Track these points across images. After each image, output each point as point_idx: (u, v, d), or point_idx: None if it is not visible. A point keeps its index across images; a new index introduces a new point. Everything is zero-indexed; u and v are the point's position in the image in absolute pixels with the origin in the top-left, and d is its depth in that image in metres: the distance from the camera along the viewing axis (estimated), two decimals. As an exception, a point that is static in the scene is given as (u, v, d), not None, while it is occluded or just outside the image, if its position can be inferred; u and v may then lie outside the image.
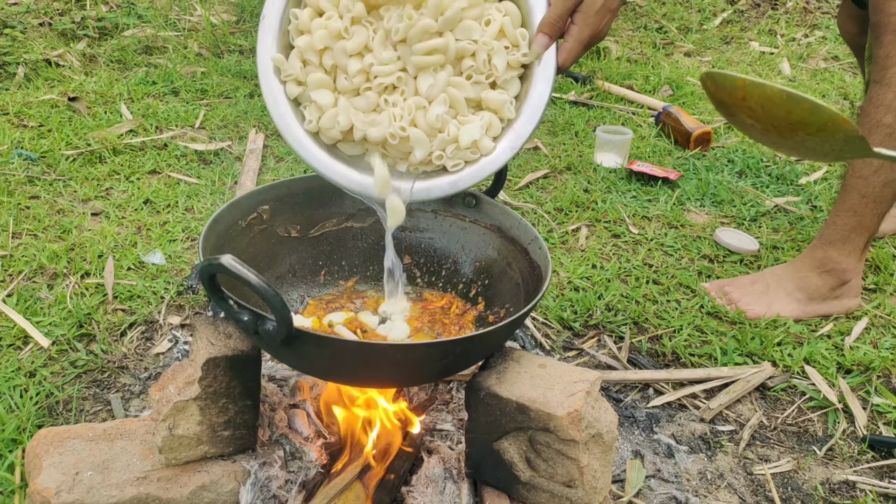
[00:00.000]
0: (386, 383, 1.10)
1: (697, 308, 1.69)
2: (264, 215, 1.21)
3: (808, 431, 1.40)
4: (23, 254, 1.71)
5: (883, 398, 1.45)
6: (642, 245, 1.93)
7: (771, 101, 0.79)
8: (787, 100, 0.77)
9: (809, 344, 1.58)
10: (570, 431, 0.97)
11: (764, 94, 0.79)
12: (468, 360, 1.08)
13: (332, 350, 0.92)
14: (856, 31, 1.93)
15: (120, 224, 1.87)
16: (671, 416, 1.40)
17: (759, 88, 0.79)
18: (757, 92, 0.80)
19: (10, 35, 2.84)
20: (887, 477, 1.30)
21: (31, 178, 2.03)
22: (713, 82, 0.85)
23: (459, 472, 1.13)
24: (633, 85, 3.01)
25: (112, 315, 1.55)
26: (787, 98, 0.77)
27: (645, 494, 1.23)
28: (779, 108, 0.78)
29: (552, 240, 1.93)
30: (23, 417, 1.27)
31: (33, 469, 1.03)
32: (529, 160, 2.36)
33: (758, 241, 1.96)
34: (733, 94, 0.82)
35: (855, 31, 1.93)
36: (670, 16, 3.85)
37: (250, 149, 2.26)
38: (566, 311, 1.65)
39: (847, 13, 1.94)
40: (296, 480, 1.09)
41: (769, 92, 0.79)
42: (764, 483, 1.28)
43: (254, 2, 3.44)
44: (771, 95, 0.78)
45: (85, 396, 1.36)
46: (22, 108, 2.41)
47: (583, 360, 1.53)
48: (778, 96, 0.78)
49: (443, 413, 1.28)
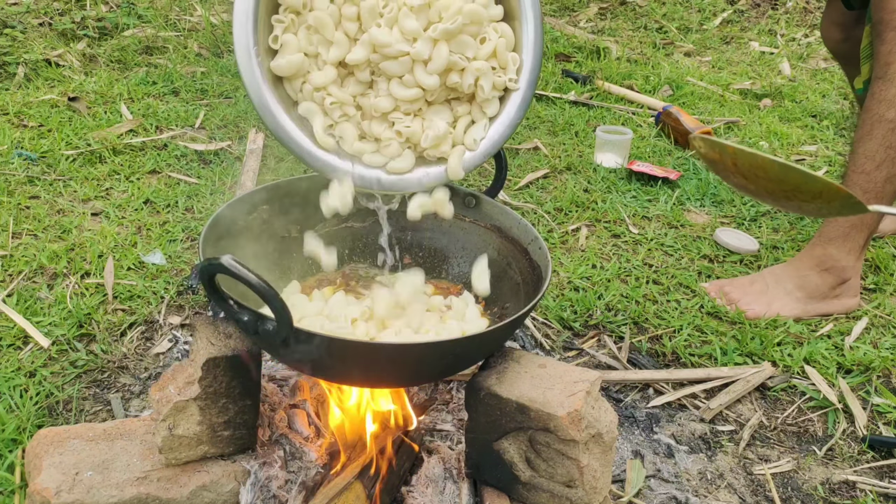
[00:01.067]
0: (386, 383, 1.10)
1: (697, 308, 1.69)
2: (264, 215, 1.21)
3: (808, 431, 1.40)
4: (23, 254, 1.71)
5: (883, 398, 1.45)
6: (642, 245, 1.93)
7: (763, 169, 0.78)
8: (779, 170, 0.76)
9: (809, 344, 1.58)
10: (570, 431, 0.97)
11: (755, 162, 0.78)
12: (468, 360, 1.08)
13: (332, 350, 0.92)
14: (840, 37, 1.93)
15: (120, 224, 1.87)
16: (671, 416, 1.40)
17: (751, 157, 0.78)
18: (748, 160, 0.79)
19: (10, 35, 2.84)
20: (887, 477, 1.30)
21: (31, 178, 2.03)
22: (704, 144, 0.84)
23: (459, 472, 1.13)
24: (633, 85, 3.01)
25: (112, 315, 1.55)
26: (778, 168, 0.76)
27: (645, 494, 1.23)
28: (771, 176, 0.77)
29: (552, 240, 1.93)
30: (23, 417, 1.27)
31: (33, 469, 1.03)
32: (529, 160, 2.36)
33: (758, 241, 1.96)
34: (724, 158, 0.82)
35: (839, 37, 1.94)
36: (670, 16, 3.85)
37: (250, 149, 2.26)
38: (566, 311, 1.65)
39: (831, 20, 1.94)
40: (296, 480, 1.09)
41: (760, 161, 0.78)
42: (764, 483, 1.28)
43: (254, 2, 3.44)
44: (762, 164, 0.77)
45: (85, 396, 1.36)
46: (22, 108, 2.41)
47: (583, 360, 1.53)
48: (770, 166, 0.77)
49: (443, 413, 1.29)
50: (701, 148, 0.85)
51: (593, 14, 3.85)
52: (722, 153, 0.82)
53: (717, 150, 0.82)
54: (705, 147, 0.84)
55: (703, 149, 0.85)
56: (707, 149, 0.84)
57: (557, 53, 3.27)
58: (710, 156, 0.84)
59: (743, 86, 3.08)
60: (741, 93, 3.04)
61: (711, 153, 0.83)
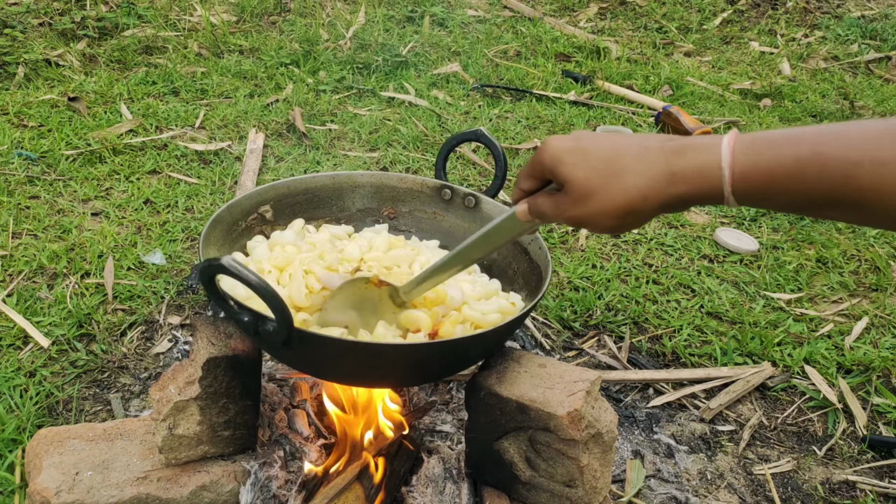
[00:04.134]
0: (386, 383, 1.10)
1: (697, 308, 1.69)
2: (265, 215, 1.21)
3: (808, 431, 1.40)
4: (23, 254, 1.71)
5: (883, 398, 1.45)
6: (642, 245, 1.93)
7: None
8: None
9: (809, 344, 1.58)
10: (570, 431, 0.97)
11: None
12: (468, 360, 1.08)
13: (332, 350, 0.92)
14: None
15: (120, 224, 1.87)
16: (671, 416, 1.40)
17: None
18: None
19: (10, 35, 2.83)
20: (887, 477, 1.30)
21: (31, 178, 2.03)
22: None
23: (459, 472, 1.13)
24: (633, 85, 3.01)
25: (112, 315, 1.55)
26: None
27: (645, 494, 1.23)
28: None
29: (552, 240, 1.93)
30: (23, 417, 1.27)
31: (33, 469, 1.03)
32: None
33: (758, 241, 1.96)
34: None
35: None
36: (670, 16, 3.84)
37: (250, 149, 2.26)
38: (566, 311, 1.65)
39: None
40: (296, 480, 1.09)
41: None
42: (764, 483, 1.28)
43: (254, 2, 3.44)
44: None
45: (85, 396, 1.36)
46: (22, 108, 2.41)
47: (583, 360, 1.53)
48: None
49: (443, 413, 1.28)
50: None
51: (593, 14, 3.85)
52: None
53: None
54: None
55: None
56: None
57: (557, 53, 3.27)
58: None
59: (743, 86, 3.08)
60: (741, 93, 3.04)
61: None
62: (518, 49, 3.29)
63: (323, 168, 2.20)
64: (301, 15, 3.47)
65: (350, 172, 1.29)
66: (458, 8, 3.68)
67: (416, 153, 2.31)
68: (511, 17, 3.68)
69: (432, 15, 3.50)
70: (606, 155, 0.70)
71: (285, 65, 2.91)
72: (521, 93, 2.83)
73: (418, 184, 1.29)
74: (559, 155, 0.72)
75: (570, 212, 0.73)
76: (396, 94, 2.70)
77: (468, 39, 3.34)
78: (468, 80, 2.90)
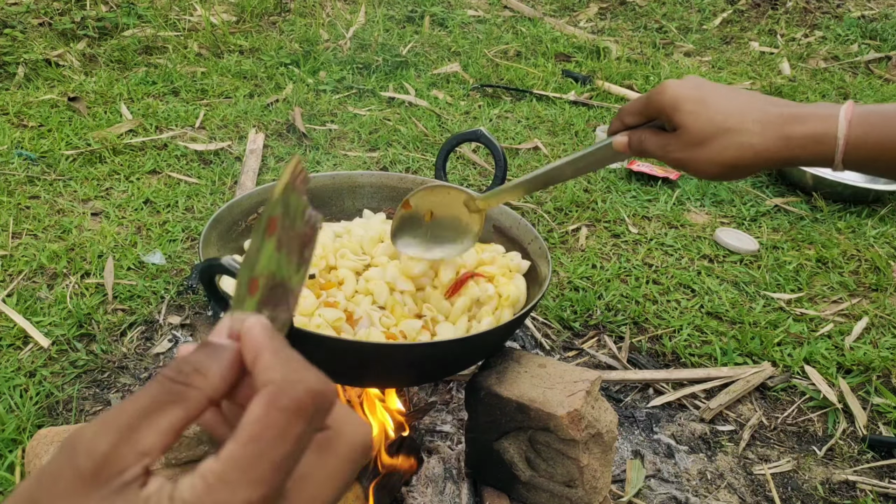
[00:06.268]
0: (386, 383, 1.10)
1: (697, 308, 1.69)
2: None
3: (808, 431, 1.40)
4: (23, 254, 1.71)
5: (883, 398, 1.45)
6: (642, 245, 1.93)
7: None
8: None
9: (809, 344, 1.58)
10: (570, 431, 0.97)
11: None
12: (468, 360, 1.08)
13: (332, 350, 0.92)
14: None
15: (120, 224, 1.87)
16: (671, 416, 1.40)
17: None
18: None
19: (10, 35, 2.83)
20: (887, 477, 1.30)
21: (31, 178, 2.03)
22: None
23: (459, 472, 1.13)
24: (633, 85, 3.01)
25: (112, 315, 1.55)
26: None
27: (645, 494, 1.23)
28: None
29: (552, 240, 1.93)
30: (23, 417, 1.27)
31: (33, 469, 1.03)
32: (529, 160, 2.36)
33: (758, 241, 1.96)
34: None
35: None
36: (670, 16, 3.84)
37: (250, 149, 2.26)
38: (566, 311, 1.65)
39: None
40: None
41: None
42: (764, 483, 1.28)
43: (254, 2, 3.44)
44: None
45: (85, 396, 1.36)
46: (22, 108, 2.41)
47: (583, 360, 1.53)
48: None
49: (443, 413, 1.29)
50: None
51: (593, 14, 3.85)
52: None
53: None
54: None
55: None
56: None
57: (557, 53, 3.27)
58: None
59: (743, 86, 3.08)
60: (741, 93, 3.04)
61: None
62: (518, 49, 3.29)
63: (323, 168, 2.20)
64: (301, 15, 3.47)
65: (350, 172, 1.29)
66: (458, 8, 3.68)
67: (416, 153, 2.31)
68: (511, 17, 3.68)
69: (432, 15, 3.50)
70: (728, 109, 0.73)
71: (285, 65, 2.91)
72: (521, 93, 2.83)
73: (418, 184, 1.29)
74: (679, 101, 0.75)
75: (678, 154, 0.76)
76: (396, 94, 2.70)
77: (468, 39, 3.34)
78: (468, 80, 2.90)
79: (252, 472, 0.27)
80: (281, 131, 2.42)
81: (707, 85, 0.76)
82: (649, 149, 0.79)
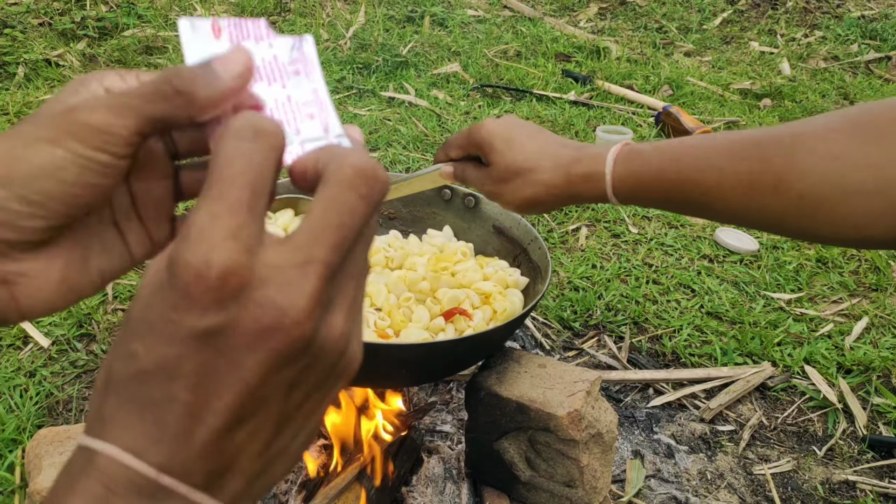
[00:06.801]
0: (386, 383, 1.10)
1: (697, 308, 1.69)
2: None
3: (808, 431, 1.40)
4: (23, 254, 1.71)
5: (883, 398, 1.45)
6: (642, 245, 1.93)
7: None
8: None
9: (809, 344, 1.58)
10: (570, 431, 0.97)
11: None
12: (468, 360, 1.08)
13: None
14: None
15: (120, 224, 1.87)
16: (671, 416, 1.40)
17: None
18: None
19: (10, 35, 2.83)
20: (887, 477, 1.30)
21: (31, 178, 2.03)
22: None
23: (459, 472, 1.13)
24: (633, 85, 3.01)
25: (112, 315, 1.55)
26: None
27: (645, 494, 1.23)
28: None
29: (552, 240, 1.93)
30: (23, 417, 1.27)
31: (33, 469, 1.03)
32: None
33: (758, 241, 1.96)
34: None
35: None
36: (670, 16, 3.85)
37: (250, 149, 2.26)
38: (566, 311, 1.65)
39: None
40: (296, 480, 1.09)
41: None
42: (764, 483, 1.28)
43: (254, 2, 3.44)
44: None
45: (85, 396, 1.36)
46: (22, 108, 2.41)
47: (583, 360, 1.53)
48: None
49: (443, 413, 1.29)
50: None
51: (593, 14, 3.85)
52: None
53: None
54: None
55: None
56: None
57: (557, 53, 3.27)
58: None
59: (743, 86, 3.08)
60: (741, 93, 3.04)
61: None
62: (518, 49, 3.29)
63: (323, 168, 2.20)
64: (301, 15, 3.47)
65: (350, 172, 1.29)
66: (458, 8, 3.68)
67: (416, 153, 2.31)
68: (511, 17, 3.68)
69: (432, 15, 3.50)
70: (529, 150, 0.81)
71: (285, 65, 2.91)
72: (521, 93, 2.83)
73: (418, 184, 1.29)
74: (492, 139, 0.83)
75: (489, 187, 0.85)
76: (396, 94, 2.70)
77: (468, 39, 3.34)
78: (468, 80, 2.90)
79: (328, 233, 0.29)
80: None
81: (518, 126, 0.84)
82: (469, 180, 0.88)
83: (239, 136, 0.29)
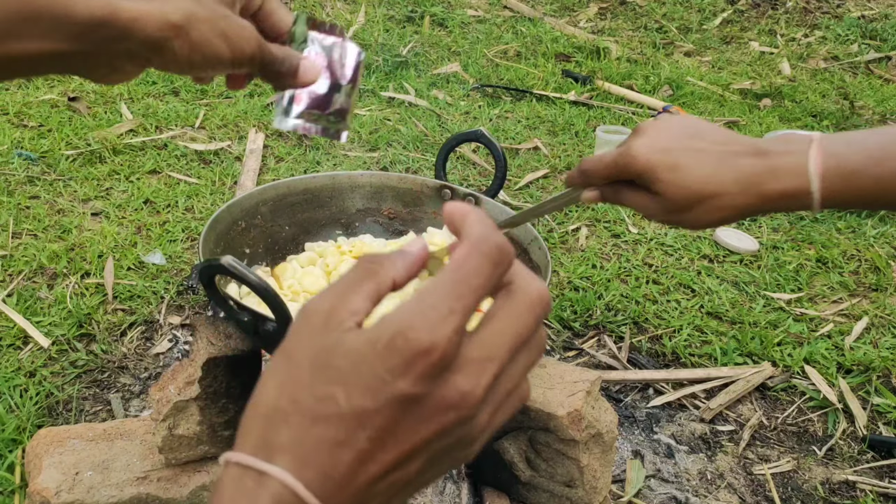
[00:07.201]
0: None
1: (697, 308, 1.69)
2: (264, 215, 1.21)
3: (808, 431, 1.40)
4: (23, 254, 1.71)
5: (883, 398, 1.45)
6: (642, 245, 1.93)
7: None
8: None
9: (809, 344, 1.58)
10: (570, 431, 0.97)
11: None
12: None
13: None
14: None
15: (120, 224, 1.87)
16: (671, 416, 1.40)
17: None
18: None
19: (10, 35, 2.83)
20: (887, 477, 1.30)
21: (31, 178, 2.03)
22: None
23: (459, 472, 1.13)
24: (633, 85, 3.01)
25: (112, 315, 1.55)
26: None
27: (645, 494, 1.23)
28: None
29: (552, 240, 1.93)
30: (23, 417, 1.27)
31: (33, 469, 1.03)
32: (529, 160, 2.36)
33: (758, 241, 1.96)
34: None
35: None
36: (670, 16, 3.85)
37: (250, 149, 2.26)
38: (566, 311, 1.65)
39: None
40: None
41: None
42: (764, 483, 1.28)
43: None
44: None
45: (85, 396, 1.36)
46: (22, 108, 2.41)
47: (583, 360, 1.53)
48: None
49: (443, 413, 1.28)
50: None
51: (593, 14, 3.85)
52: None
53: None
54: None
55: None
56: None
57: (557, 53, 3.27)
58: None
59: (743, 86, 3.08)
60: (741, 93, 3.04)
61: None
62: (518, 49, 3.29)
63: (323, 168, 2.20)
64: (301, 15, 3.47)
65: (350, 172, 1.30)
66: (458, 8, 3.68)
67: (416, 153, 2.31)
68: (511, 17, 3.68)
69: (432, 15, 3.50)
70: (703, 174, 0.72)
71: (285, 65, 2.91)
72: (521, 93, 2.83)
73: (418, 184, 1.29)
74: (653, 170, 0.74)
75: (662, 217, 0.77)
76: (396, 95, 2.70)
77: (468, 39, 3.34)
78: (468, 80, 2.90)
79: (456, 290, 0.34)
80: (281, 131, 2.42)
81: (675, 145, 0.74)
82: (631, 206, 0.80)
83: (489, 257, 0.35)
